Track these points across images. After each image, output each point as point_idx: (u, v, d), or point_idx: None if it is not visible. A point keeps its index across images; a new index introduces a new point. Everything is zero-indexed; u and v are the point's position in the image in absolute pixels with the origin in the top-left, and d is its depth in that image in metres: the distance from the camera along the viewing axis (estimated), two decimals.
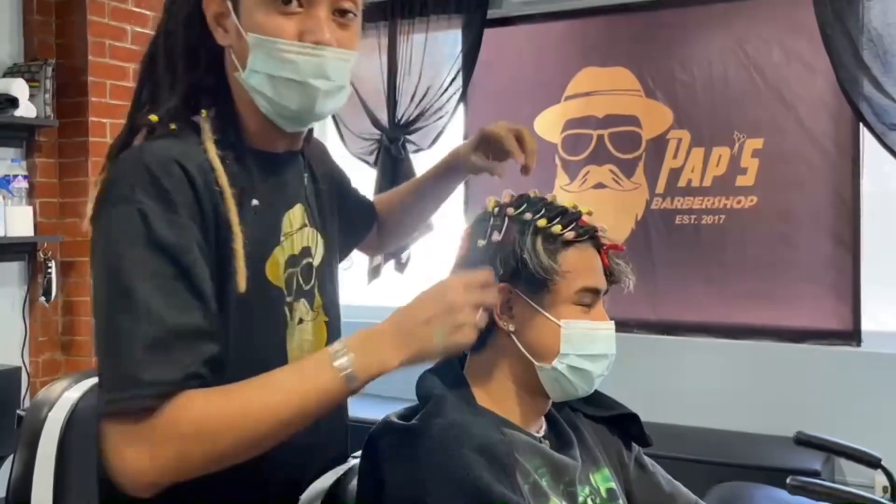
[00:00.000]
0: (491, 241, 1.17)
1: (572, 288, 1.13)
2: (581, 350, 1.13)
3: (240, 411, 0.92)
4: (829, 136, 3.35)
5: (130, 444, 0.90)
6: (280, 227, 1.12)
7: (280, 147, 1.15)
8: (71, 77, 3.48)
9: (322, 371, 0.95)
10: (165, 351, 0.90)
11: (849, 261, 3.30)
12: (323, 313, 1.19)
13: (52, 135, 3.50)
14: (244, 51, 1.04)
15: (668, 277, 3.60)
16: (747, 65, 3.47)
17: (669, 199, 3.63)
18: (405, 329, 0.99)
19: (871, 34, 3.06)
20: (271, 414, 0.93)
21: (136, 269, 0.92)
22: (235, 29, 1.05)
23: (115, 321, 0.92)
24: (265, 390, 0.94)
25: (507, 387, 1.16)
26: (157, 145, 1.01)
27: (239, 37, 1.05)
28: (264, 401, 0.93)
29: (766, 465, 2.92)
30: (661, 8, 3.63)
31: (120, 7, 3.58)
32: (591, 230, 1.17)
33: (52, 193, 3.52)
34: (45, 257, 3.42)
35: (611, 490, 1.19)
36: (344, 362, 0.95)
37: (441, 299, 1.01)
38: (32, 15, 3.49)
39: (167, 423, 0.89)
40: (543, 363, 1.13)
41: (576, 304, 1.14)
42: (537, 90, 3.85)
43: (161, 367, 0.90)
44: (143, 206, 0.94)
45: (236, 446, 0.92)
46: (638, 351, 3.46)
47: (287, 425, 0.94)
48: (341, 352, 0.96)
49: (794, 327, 3.37)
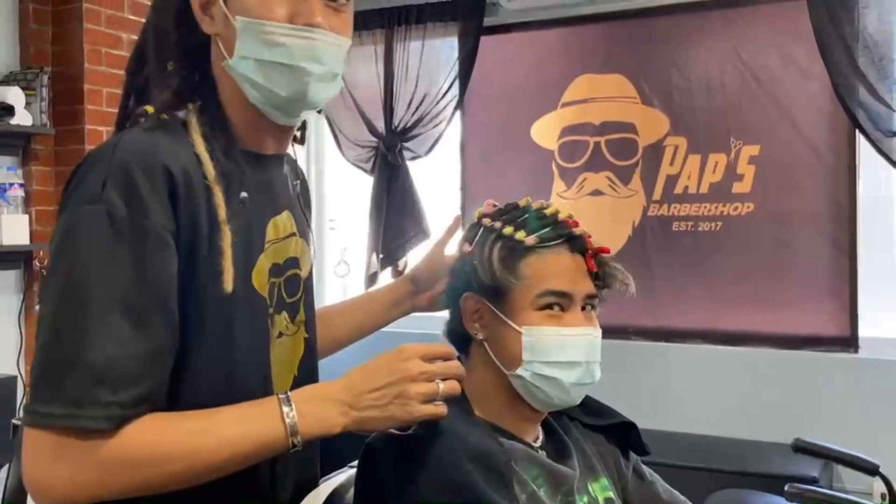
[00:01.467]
0: (463, 252, 1.20)
1: (532, 293, 1.12)
2: (545, 357, 1.11)
3: (172, 450, 0.89)
4: (825, 143, 3.36)
5: (58, 459, 0.86)
6: (265, 232, 1.06)
7: (269, 147, 1.09)
8: (67, 85, 3.48)
9: (269, 422, 0.93)
10: (123, 372, 0.86)
11: (846, 267, 3.30)
12: (304, 329, 1.14)
13: (48, 143, 3.50)
14: (231, 37, 1.00)
15: (665, 284, 3.60)
16: (743, 71, 3.48)
17: (666, 206, 3.63)
18: (353, 394, 0.96)
19: (866, 41, 3.07)
20: (206, 455, 0.90)
21: (98, 279, 0.87)
22: (223, 15, 1.01)
23: (71, 330, 0.86)
24: (205, 434, 0.91)
25: (494, 396, 1.16)
26: (138, 139, 0.96)
27: (226, 23, 1.01)
28: (200, 442, 0.90)
29: (764, 473, 2.91)
30: (658, 15, 3.63)
31: (116, 15, 3.57)
32: (563, 235, 1.16)
33: (49, 202, 3.51)
34: (41, 266, 3.41)
35: (609, 499, 1.18)
36: (292, 418, 0.93)
37: (395, 368, 0.97)
38: (29, 23, 3.49)
39: (107, 448, 0.86)
40: (511, 371, 1.13)
41: (540, 310, 1.12)
42: (534, 97, 3.86)
43: (117, 390, 0.86)
44: (112, 207, 0.89)
45: (163, 484, 0.90)
46: (636, 358, 3.46)
47: (220, 469, 0.92)
48: (289, 406, 0.93)
49: (792, 334, 3.37)
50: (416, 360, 0.98)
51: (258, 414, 0.94)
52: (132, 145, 0.94)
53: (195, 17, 1.04)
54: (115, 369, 0.86)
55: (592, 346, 1.14)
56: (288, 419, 0.93)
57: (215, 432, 0.91)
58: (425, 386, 0.97)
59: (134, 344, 0.87)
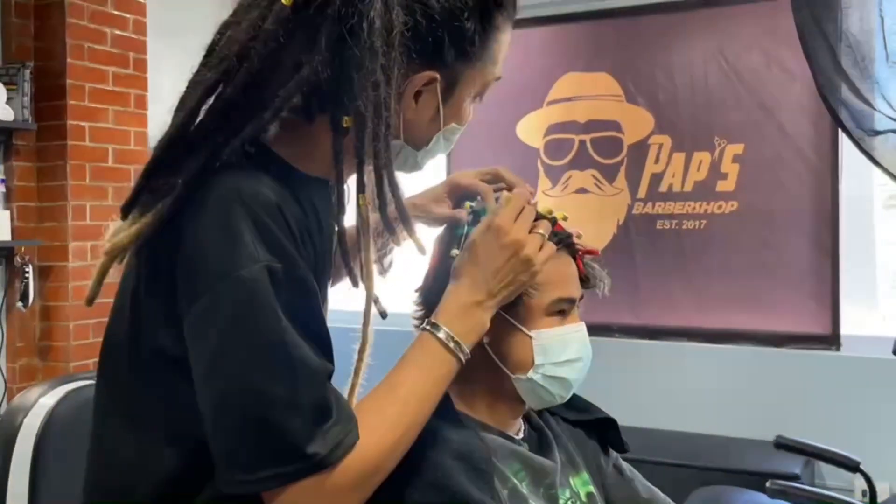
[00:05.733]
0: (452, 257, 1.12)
1: (546, 300, 1.12)
2: (555, 358, 1.12)
3: (394, 438, 0.92)
4: (808, 142, 3.38)
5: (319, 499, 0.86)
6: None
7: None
8: (49, 80, 3.45)
9: (443, 360, 0.98)
10: (328, 411, 0.86)
11: (828, 265, 3.33)
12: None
13: (30, 138, 3.47)
14: (425, 132, 1.00)
15: (649, 282, 3.61)
16: (728, 71, 3.50)
17: (651, 204, 3.65)
18: (485, 290, 1.01)
19: (849, 40, 3.09)
20: (418, 419, 0.95)
21: (279, 331, 0.84)
22: (434, 111, 0.97)
23: (266, 387, 0.83)
24: (407, 406, 0.94)
25: (483, 394, 1.16)
26: (250, 184, 0.87)
27: (432, 118, 0.98)
28: (407, 415, 0.94)
29: (746, 469, 2.93)
30: (643, 14, 3.65)
31: (99, 10, 3.55)
32: (566, 237, 1.16)
33: (31, 197, 3.48)
34: (22, 262, 3.38)
35: (590, 494, 1.18)
36: (456, 344, 0.98)
37: (505, 244, 1.02)
38: (10, 17, 3.45)
39: (345, 470, 0.86)
40: (519, 374, 1.12)
41: (550, 315, 1.13)
42: (520, 95, 3.86)
43: (337, 419, 0.86)
44: (268, 263, 0.84)
45: (397, 459, 0.93)
46: (619, 355, 3.47)
47: (426, 418, 0.96)
48: (447, 336, 0.98)
49: (775, 332, 3.40)
50: (515, 225, 1.03)
51: (431, 360, 0.98)
52: (252, 192, 0.88)
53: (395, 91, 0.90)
54: (327, 407, 0.87)
55: (585, 340, 1.16)
56: (457, 352, 0.98)
57: (412, 397, 0.95)
58: (534, 241, 1.04)
59: (327, 373, 0.89)
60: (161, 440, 0.91)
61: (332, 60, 0.88)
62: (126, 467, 0.93)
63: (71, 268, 3.40)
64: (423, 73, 0.93)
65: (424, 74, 0.94)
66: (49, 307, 3.48)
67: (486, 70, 1.00)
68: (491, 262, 1.02)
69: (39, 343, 3.50)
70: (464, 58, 0.96)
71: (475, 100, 1.03)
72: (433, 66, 0.94)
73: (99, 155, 3.53)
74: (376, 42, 0.86)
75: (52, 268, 3.47)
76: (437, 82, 0.95)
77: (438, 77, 0.95)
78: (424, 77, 0.94)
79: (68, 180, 3.43)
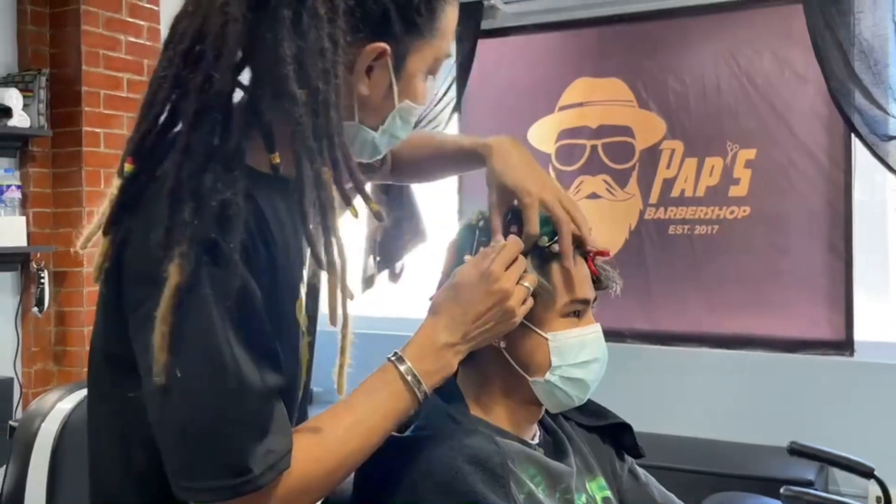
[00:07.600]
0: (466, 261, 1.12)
1: (562, 301, 1.12)
2: (572, 360, 1.12)
3: (332, 464, 0.92)
4: (820, 147, 3.37)
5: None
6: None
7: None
8: (65, 87, 3.47)
9: (400, 397, 0.97)
10: (268, 422, 0.85)
11: (841, 270, 3.31)
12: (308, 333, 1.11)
13: (45, 144, 3.50)
14: (381, 109, 0.98)
15: (661, 287, 3.60)
16: (739, 75, 3.49)
17: (663, 209, 3.64)
18: (460, 333, 1.00)
19: (861, 45, 3.09)
20: (361, 451, 0.94)
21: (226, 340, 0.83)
22: (387, 88, 0.96)
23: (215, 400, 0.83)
24: (352, 435, 0.93)
25: (499, 398, 1.16)
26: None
27: (386, 95, 0.97)
28: (351, 445, 0.93)
29: (760, 476, 2.92)
30: (654, 19, 3.65)
31: (114, 17, 3.58)
32: (578, 239, 1.15)
33: (46, 203, 3.51)
34: (38, 267, 3.41)
35: (606, 499, 1.18)
36: (418, 385, 0.97)
37: (491, 291, 1.01)
38: (26, 25, 3.49)
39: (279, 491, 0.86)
40: (536, 377, 1.12)
41: (566, 317, 1.13)
42: (531, 100, 3.87)
43: (273, 440, 0.84)
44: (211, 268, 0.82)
45: (333, 484, 0.93)
46: (631, 361, 3.47)
47: (369, 453, 0.95)
48: (410, 373, 0.97)
49: (788, 337, 3.38)
50: (505, 274, 1.02)
51: (387, 393, 0.97)
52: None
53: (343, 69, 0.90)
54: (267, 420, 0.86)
55: (601, 341, 1.16)
56: (416, 390, 0.97)
57: (358, 427, 0.94)
58: (520, 293, 1.03)
59: (273, 387, 0.87)
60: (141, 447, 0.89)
61: (278, 32, 0.85)
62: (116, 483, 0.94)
63: (86, 273, 3.42)
64: (373, 45, 0.93)
65: (374, 46, 0.93)
66: (64, 312, 3.50)
67: (436, 44, 0.99)
68: (473, 306, 1.01)
69: (55, 348, 3.52)
70: (412, 29, 0.95)
71: (428, 77, 1.01)
72: (382, 38, 0.93)
73: (114, 161, 3.54)
74: (320, 9, 0.86)
75: (67, 273, 3.50)
76: (387, 56, 0.94)
77: (388, 49, 0.93)
78: (375, 49, 0.93)
79: (83, 186, 3.46)
